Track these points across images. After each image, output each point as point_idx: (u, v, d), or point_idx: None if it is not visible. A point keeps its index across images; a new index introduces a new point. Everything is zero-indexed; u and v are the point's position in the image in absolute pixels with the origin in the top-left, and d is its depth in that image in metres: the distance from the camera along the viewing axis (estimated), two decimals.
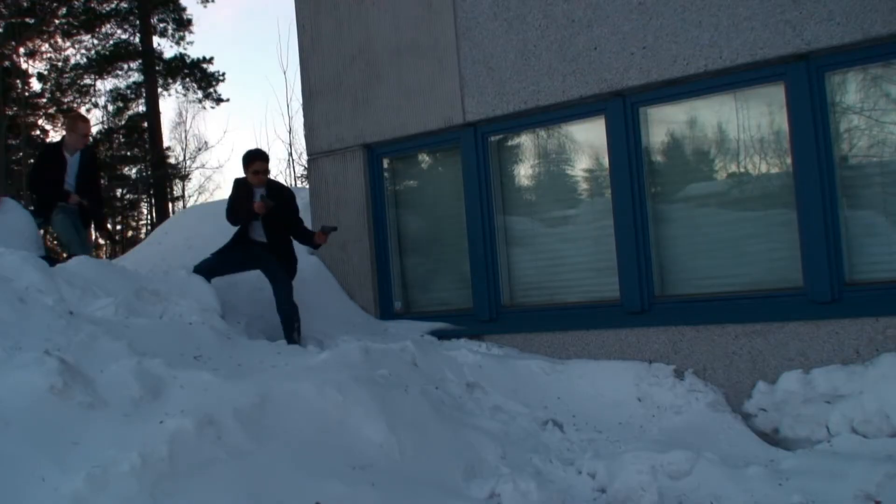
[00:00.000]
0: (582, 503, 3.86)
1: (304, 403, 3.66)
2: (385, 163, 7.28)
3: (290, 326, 5.88)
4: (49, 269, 4.66)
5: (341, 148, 7.34)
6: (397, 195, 7.33)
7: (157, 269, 6.43)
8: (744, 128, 5.56)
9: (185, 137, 27.41)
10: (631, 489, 3.78)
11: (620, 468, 3.95)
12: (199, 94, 25.93)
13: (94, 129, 25.02)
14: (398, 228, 7.22)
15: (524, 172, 6.66)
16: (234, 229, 6.17)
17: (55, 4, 21.74)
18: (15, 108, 20.77)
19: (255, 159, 5.94)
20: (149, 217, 27.31)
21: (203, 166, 37.29)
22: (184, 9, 24.84)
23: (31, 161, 6.86)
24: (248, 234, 6.10)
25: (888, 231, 5.04)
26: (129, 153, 26.74)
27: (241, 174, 6.25)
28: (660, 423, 4.96)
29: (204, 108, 27.61)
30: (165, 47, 26.39)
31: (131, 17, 24.01)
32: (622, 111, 5.84)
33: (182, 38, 25.22)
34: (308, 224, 7.96)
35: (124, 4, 23.81)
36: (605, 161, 5.99)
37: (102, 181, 25.87)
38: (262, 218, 5.93)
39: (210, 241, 8.32)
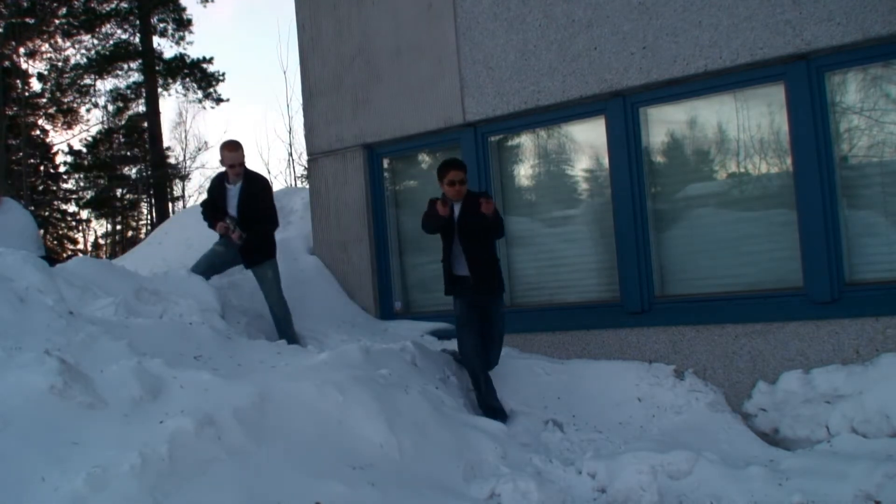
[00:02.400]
0: (582, 503, 3.85)
1: (304, 403, 3.66)
2: (385, 163, 7.28)
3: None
4: (49, 269, 4.66)
5: (341, 148, 7.34)
6: (397, 195, 7.33)
7: (157, 269, 6.44)
8: (744, 128, 5.56)
9: (185, 137, 27.45)
10: (631, 489, 3.78)
11: (620, 468, 3.95)
12: (199, 94, 25.93)
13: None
14: (398, 228, 7.22)
15: (524, 173, 6.66)
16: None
17: (55, 4, 21.73)
18: (15, 108, 20.77)
19: (451, 168, 5.06)
20: (149, 217, 27.32)
21: (203, 166, 37.27)
22: (184, 9, 24.84)
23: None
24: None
25: (888, 231, 5.04)
26: (129, 153, 26.74)
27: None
28: (660, 423, 4.96)
29: (204, 108, 27.70)
30: (165, 47, 26.43)
31: (131, 17, 23.99)
32: (622, 111, 5.85)
33: (182, 38, 25.22)
34: (306, 230, 7.97)
35: (124, 4, 23.80)
36: (605, 161, 5.99)
37: (101, 179, 25.98)
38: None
39: (210, 242, 8.33)
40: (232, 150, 5.81)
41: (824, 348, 5.01)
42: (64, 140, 33.65)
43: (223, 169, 5.97)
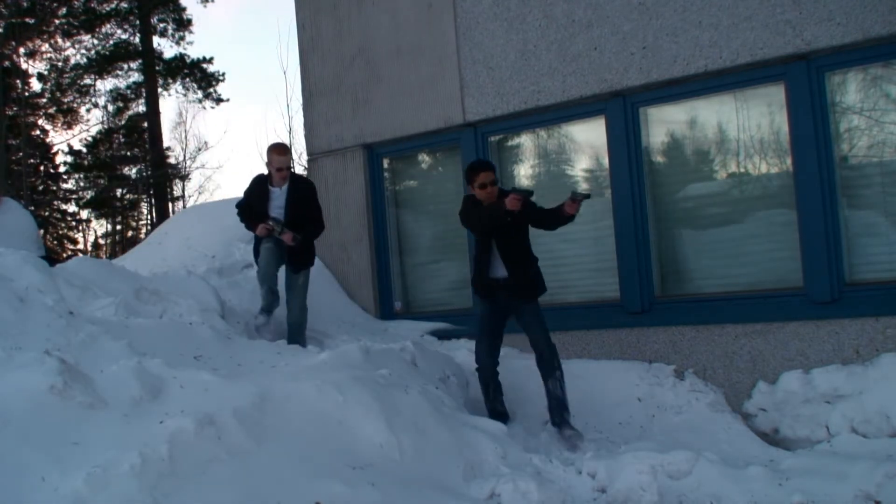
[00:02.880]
0: (582, 503, 3.85)
1: (304, 403, 3.65)
2: (385, 163, 7.28)
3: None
4: (49, 269, 4.66)
5: (341, 148, 7.34)
6: (397, 195, 7.33)
7: (157, 269, 6.44)
8: (744, 128, 5.56)
9: (185, 137, 27.40)
10: (631, 489, 3.78)
11: (620, 468, 3.95)
12: (199, 94, 25.93)
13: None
14: (398, 228, 7.22)
15: (524, 173, 6.66)
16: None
17: (55, 4, 21.72)
18: (15, 108, 20.76)
19: (480, 170, 4.80)
20: (149, 217, 27.30)
21: (203, 166, 37.29)
22: (184, 9, 24.83)
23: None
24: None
25: (888, 231, 5.04)
26: (129, 153, 26.72)
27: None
28: (660, 423, 4.96)
29: (204, 108, 27.65)
30: (165, 47, 26.40)
31: (131, 17, 23.98)
32: (622, 111, 5.85)
33: (182, 38, 25.21)
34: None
35: (124, 4, 23.79)
36: (605, 161, 5.99)
37: (101, 179, 25.96)
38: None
39: (210, 242, 8.33)
40: (281, 153, 5.66)
41: (824, 348, 5.01)
42: (64, 140, 33.62)
43: (263, 171, 5.79)
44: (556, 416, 4.73)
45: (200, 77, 25.50)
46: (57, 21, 22.43)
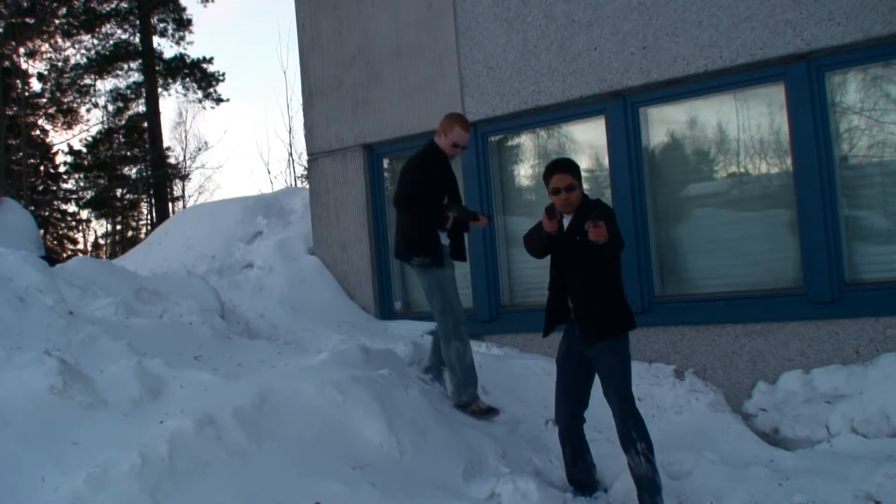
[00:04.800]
0: (582, 503, 3.85)
1: (304, 403, 3.66)
2: (385, 163, 7.28)
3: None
4: (49, 269, 4.66)
5: (341, 148, 7.34)
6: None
7: (157, 269, 6.44)
8: (744, 128, 5.56)
9: (185, 137, 27.42)
10: (631, 489, 3.78)
11: (621, 468, 3.95)
12: (199, 94, 25.93)
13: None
14: None
15: (524, 172, 6.66)
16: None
17: (55, 4, 21.72)
18: (15, 108, 20.75)
19: (553, 172, 3.88)
20: (149, 217, 27.30)
21: (203, 166, 37.27)
22: (184, 9, 24.84)
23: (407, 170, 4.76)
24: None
25: (888, 231, 5.04)
26: (129, 153, 26.71)
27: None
28: (660, 423, 4.95)
29: (204, 108, 27.65)
30: (165, 47, 26.40)
31: (131, 17, 23.98)
32: (622, 111, 5.84)
33: (182, 38, 25.22)
34: (306, 230, 7.97)
35: (124, 4, 23.79)
36: (605, 161, 5.99)
37: (101, 179, 25.96)
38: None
39: (210, 242, 8.33)
40: (468, 129, 4.83)
41: (824, 348, 5.01)
42: (64, 140, 33.65)
43: (434, 148, 4.74)
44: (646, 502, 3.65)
45: (200, 77, 25.50)
46: (57, 21, 22.42)
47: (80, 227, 28.80)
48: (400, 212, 4.74)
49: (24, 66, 22.46)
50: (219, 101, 26.20)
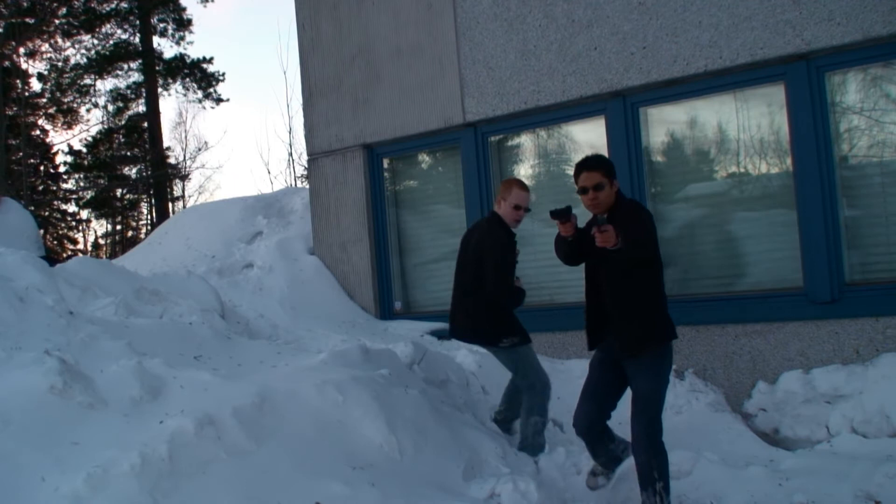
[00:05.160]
0: (582, 503, 3.85)
1: (304, 403, 3.65)
2: (385, 163, 7.28)
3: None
4: (49, 269, 4.66)
5: (341, 148, 7.34)
6: (397, 195, 7.33)
7: (157, 269, 6.44)
8: (744, 128, 5.56)
9: (185, 137, 27.48)
10: (631, 489, 3.78)
11: (620, 468, 3.94)
12: (199, 94, 25.94)
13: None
14: (398, 228, 7.22)
15: (524, 172, 6.66)
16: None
17: (55, 4, 21.71)
18: (15, 108, 20.75)
19: (580, 170, 3.60)
20: (149, 217, 27.31)
21: (203, 166, 37.30)
22: (184, 9, 24.86)
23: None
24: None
25: (888, 231, 5.04)
26: (129, 153, 26.73)
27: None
28: None
29: (204, 108, 27.69)
30: (165, 47, 26.52)
31: (131, 17, 24.00)
32: (622, 111, 5.84)
33: (182, 38, 25.23)
34: (306, 230, 7.97)
35: (124, 4, 23.80)
36: None
37: (101, 179, 25.98)
38: None
39: (210, 242, 8.34)
40: (527, 189, 4.54)
41: (824, 348, 5.01)
42: (64, 140, 33.65)
43: (498, 221, 4.48)
44: None
45: (200, 77, 25.52)
46: (57, 21, 22.42)
47: (80, 227, 28.83)
48: (470, 292, 4.52)
49: (24, 66, 22.48)
50: (219, 101, 26.23)
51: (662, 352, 3.45)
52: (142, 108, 25.06)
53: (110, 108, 25.34)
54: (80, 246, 28.57)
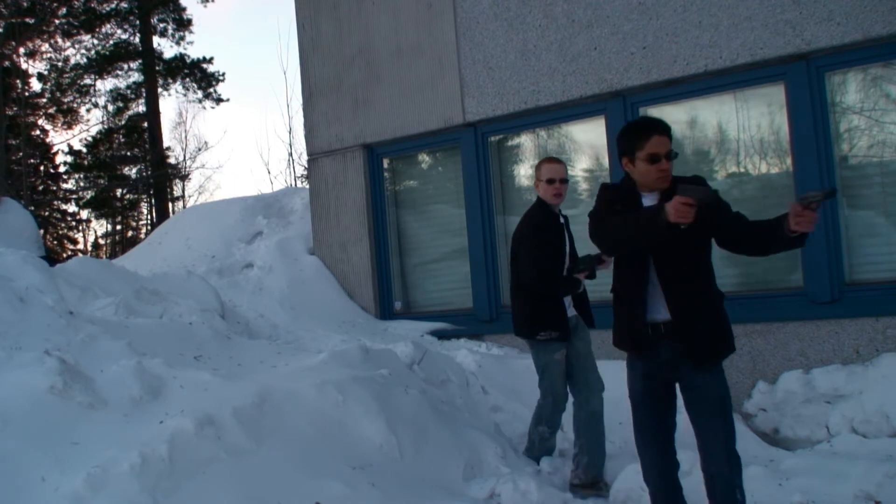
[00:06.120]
0: (582, 503, 3.85)
1: (304, 403, 3.65)
2: (385, 163, 7.28)
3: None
4: (49, 269, 4.66)
5: (341, 148, 7.34)
6: (397, 195, 7.33)
7: (157, 269, 6.43)
8: (744, 128, 5.56)
9: (185, 137, 27.48)
10: (631, 489, 3.78)
11: (620, 468, 3.95)
12: (199, 94, 25.95)
13: (94, 132, 24.95)
14: (398, 228, 7.22)
15: (524, 172, 6.66)
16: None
17: (55, 4, 21.72)
18: (15, 108, 20.75)
19: (652, 131, 2.86)
20: (149, 217, 27.31)
21: (203, 166, 37.30)
22: (184, 9, 24.86)
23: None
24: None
25: (888, 231, 5.04)
26: (129, 153, 26.73)
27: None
28: None
29: (204, 108, 27.72)
30: (165, 47, 26.50)
31: (131, 17, 23.99)
32: (622, 111, 5.84)
33: (182, 38, 25.24)
34: (306, 230, 7.97)
35: (124, 4, 23.80)
36: (605, 161, 5.99)
37: (101, 179, 25.98)
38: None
39: (210, 242, 8.33)
40: (557, 161, 4.45)
41: (824, 348, 5.01)
42: (64, 140, 33.64)
43: (538, 204, 4.36)
44: None
45: (200, 77, 25.52)
46: (57, 21, 22.42)
47: (80, 227, 28.83)
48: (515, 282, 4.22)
49: (24, 66, 22.47)
50: (219, 101, 26.23)
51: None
52: (142, 108, 25.06)
53: (110, 108, 25.36)
54: (80, 246, 28.58)
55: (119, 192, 26.86)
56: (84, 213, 27.97)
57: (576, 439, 4.11)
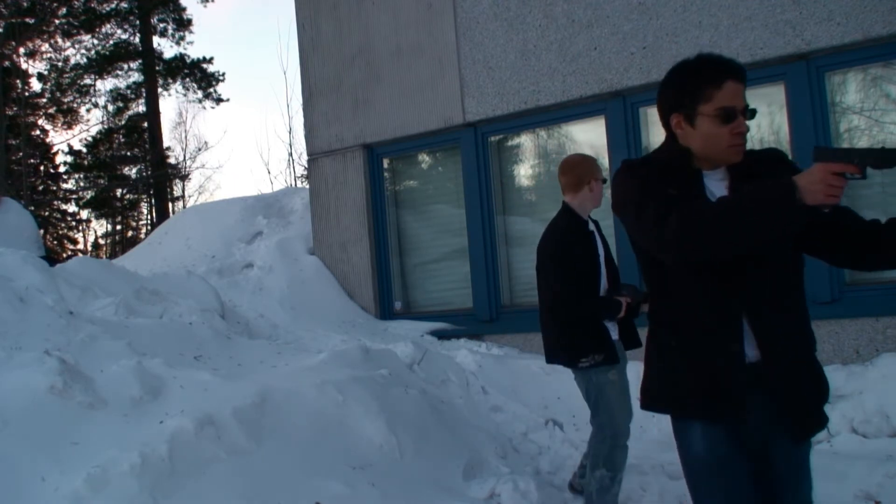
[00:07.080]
0: (581, 503, 3.85)
1: (304, 403, 3.65)
2: (385, 163, 7.28)
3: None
4: (49, 269, 4.66)
5: (341, 148, 7.34)
6: (397, 195, 7.33)
7: (157, 269, 6.43)
8: None
9: (185, 137, 27.48)
10: (631, 489, 3.78)
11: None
12: (199, 94, 25.95)
13: (94, 131, 24.95)
14: (398, 228, 7.22)
15: (524, 172, 6.66)
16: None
17: (55, 4, 21.72)
18: (15, 108, 20.75)
19: (727, 75, 2.06)
20: (149, 217, 27.30)
21: (203, 166, 37.29)
22: (184, 9, 24.86)
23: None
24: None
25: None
26: (129, 153, 26.73)
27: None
28: (659, 423, 4.95)
29: (204, 108, 27.72)
30: (165, 47, 26.51)
31: (131, 17, 23.99)
32: (622, 111, 5.84)
33: (182, 38, 25.24)
34: (306, 230, 7.97)
35: (124, 4, 23.80)
36: (606, 161, 5.99)
37: (101, 179, 25.99)
38: None
39: (210, 242, 8.33)
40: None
41: (824, 348, 5.01)
42: (64, 140, 33.63)
43: (566, 214, 3.86)
44: None
45: (200, 77, 25.52)
46: (57, 21, 22.42)
47: (80, 227, 28.83)
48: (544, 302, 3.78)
49: (24, 66, 22.46)
50: (219, 101, 26.23)
51: None
52: (142, 108, 25.06)
53: (110, 108, 25.35)
54: (80, 246, 28.58)
55: (119, 192, 26.86)
56: (84, 213, 28.00)
57: (587, 454, 3.66)
